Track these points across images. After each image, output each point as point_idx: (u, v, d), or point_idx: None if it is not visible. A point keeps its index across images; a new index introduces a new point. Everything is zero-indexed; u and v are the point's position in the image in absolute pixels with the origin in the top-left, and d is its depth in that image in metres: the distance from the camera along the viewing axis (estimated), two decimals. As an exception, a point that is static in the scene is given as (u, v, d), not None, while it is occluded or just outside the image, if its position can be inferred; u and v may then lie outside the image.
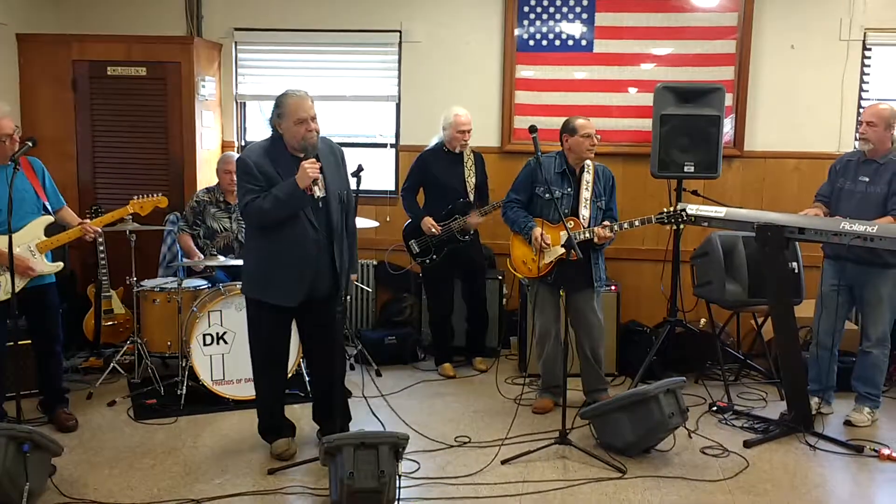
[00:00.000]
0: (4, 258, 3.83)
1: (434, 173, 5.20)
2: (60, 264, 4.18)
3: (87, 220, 4.25)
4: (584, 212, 4.41)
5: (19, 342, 3.84)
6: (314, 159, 3.61)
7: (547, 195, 4.39)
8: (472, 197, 5.22)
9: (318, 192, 3.65)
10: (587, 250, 4.39)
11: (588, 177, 4.46)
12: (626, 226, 4.36)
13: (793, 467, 3.90)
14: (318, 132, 3.67)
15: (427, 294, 5.49)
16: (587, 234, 4.34)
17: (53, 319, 4.22)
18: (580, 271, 4.40)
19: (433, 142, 5.30)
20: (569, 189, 4.44)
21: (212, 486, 3.61)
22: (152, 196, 4.55)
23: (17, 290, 3.83)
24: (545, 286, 4.49)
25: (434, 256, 5.22)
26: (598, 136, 4.43)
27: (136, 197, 4.52)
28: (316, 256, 3.70)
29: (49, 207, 4.16)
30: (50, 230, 4.13)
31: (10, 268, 3.68)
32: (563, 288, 4.32)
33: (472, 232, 5.24)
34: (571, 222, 4.38)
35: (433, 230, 5.13)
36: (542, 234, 4.32)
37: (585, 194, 4.42)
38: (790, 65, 5.63)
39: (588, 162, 4.47)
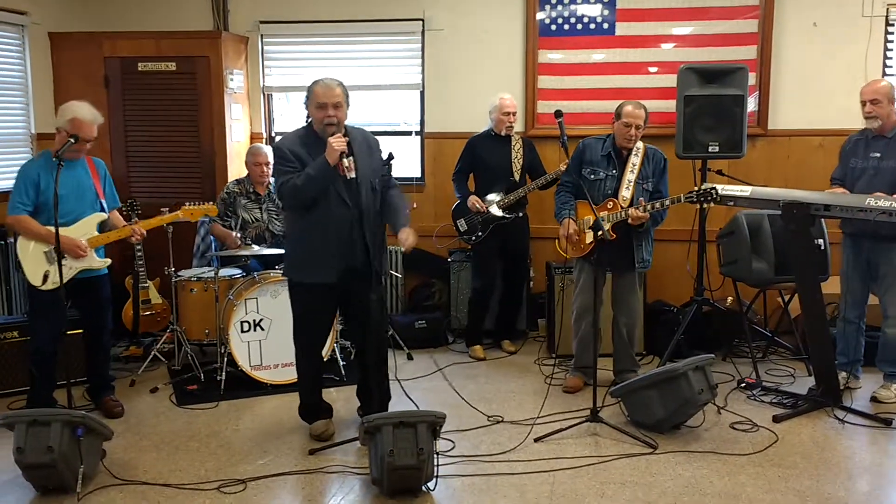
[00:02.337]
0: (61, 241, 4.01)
1: (482, 156, 5.34)
2: (108, 260, 4.33)
3: (137, 222, 4.42)
4: (625, 193, 4.47)
5: (67, 332, 3.98)
6: (341, 135, 3.73)
7: (591, 176, 4.51)
8: (517, 178, 5.32)
9: (350, 173, 3.77)
10: (628, 232, 4.46)
11: (635, 159, 4.51)
12: (657, 206, 4.40)
13: (822, 441, 3.96)
14: (338, 119, 3.78)
15: (473, 271, 5.61)
16: (622, 216, 4.41)
17: (104, 310, 4.39)
18: (623, 253, 4.49)
19: (484, 128, 5.43)
20: (613, 171, 4.51)
21: (255, 466, 3.73)
22: (204, 204, 4.71)
23: (68, 278, 4.03)
24: (589, 266, 4.55)
25: (480, 234, 5.33)
26: (641, 126, 4.46)
27: (188, 203, 4.68)
28: (350, 231, 3.82)
29: (105, 206, 4.33)
30: (102, 227, 4.30)
31: (57, 258, 3.82)
32: (606, 268, 4.42)
33: (520, 213, 5.35)
34: (611, 203, 4.45)
35: (478, 206, 5.25)
36: (569, 229, 4.44)
37: (630, 176, 4.48)
38: (813, 42, 5.63)
39: (640, 144, 4.53)
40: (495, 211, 5.23)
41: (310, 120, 3.88)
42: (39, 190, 4.07)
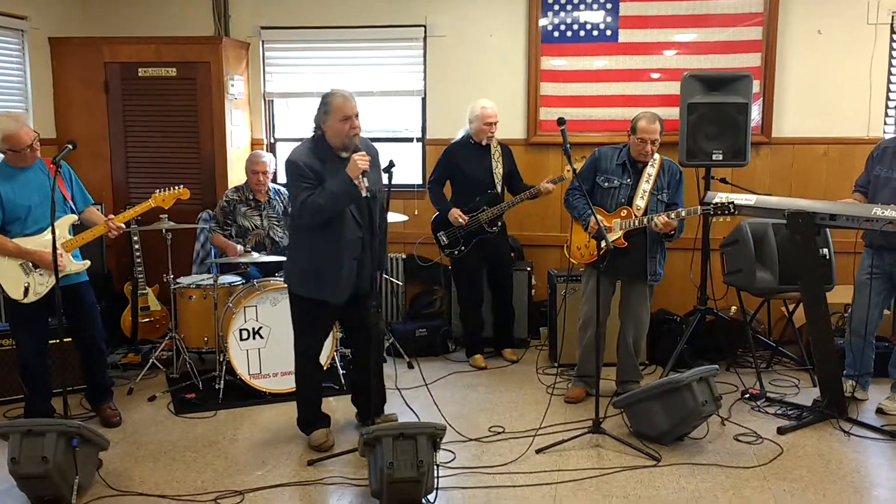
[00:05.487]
0: (34, 257, 3.98)
1: (461, 165, 5.25)
2: (87, 262, 4.23)
3: (112, 217, 4.29)
4: (640, 202, 4.42)
5: (59, 340, 3.91)
6: (363, 152, 3.70)
7: (605, 184, 4.46)
8: (499, 188, 5.25)
9: (364, 191, 3.72)
10: (642, 242, 4.42)
11: (651, 170, 4.46)
12: (672, 216, 4.32)
13: (827, 453, 3.91)
14: (360, 130, 3.75)
15: (457, 285, 5.54)
16: (636, 224, 4.37)
17: (91, 316, 4.28)
18: (635, 262, 4.44)
19: (459, 134, 5.34)
20: (628, 180, 4.47)
21: (253, 477, 3.69)
22: (173, 189, 4.53)
23: (48, 289, 3.97)
24: (598, 274, 4.50)
25: (462, 248, 5.27)
26: (657, 141, 4.40)
27: (157, 191, 4.51)
28: (361, 253, 3.82)
29: (75, 208, 4.23)
30: (75, 229, 4.20)
31: (54, 269, 3.77)
32: (617, 277, 4.38)
33: (499, 224, 5.28)
34: (624, 211, 4.42)
35: (460, 221, 5.18)
36: (598, 221, 4.26)
37: (645, 186, 4.43)
38: (817, 50, 5.59)
39: (657, 156, 4.49)
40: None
41: (317, 133, 3.82)
42: (2, 203, 3.96)
